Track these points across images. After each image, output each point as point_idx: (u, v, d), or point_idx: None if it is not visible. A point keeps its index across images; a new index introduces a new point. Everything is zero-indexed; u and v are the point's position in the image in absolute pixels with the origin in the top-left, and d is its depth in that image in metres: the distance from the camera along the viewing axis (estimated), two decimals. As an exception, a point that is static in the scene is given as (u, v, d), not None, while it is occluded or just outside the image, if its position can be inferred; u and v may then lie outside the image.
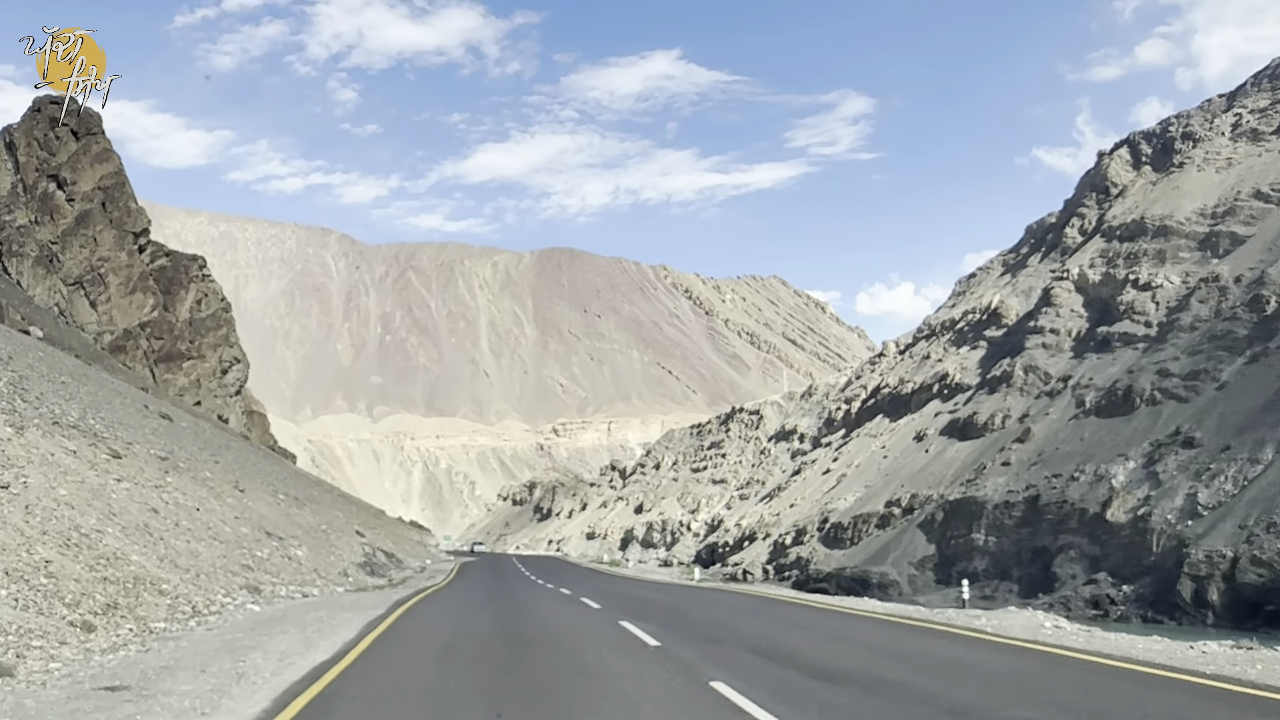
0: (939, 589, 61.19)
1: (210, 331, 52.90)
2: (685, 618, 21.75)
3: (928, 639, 17.27)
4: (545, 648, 15.67)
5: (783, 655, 14.62)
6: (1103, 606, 47.49)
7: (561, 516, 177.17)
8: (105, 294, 45.50)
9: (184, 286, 52.08)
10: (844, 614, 23.00)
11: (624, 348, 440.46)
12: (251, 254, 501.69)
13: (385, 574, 35.97)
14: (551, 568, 59.01)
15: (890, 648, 15.83)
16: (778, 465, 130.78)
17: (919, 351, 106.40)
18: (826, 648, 16.03)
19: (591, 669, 13.06)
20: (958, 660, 14.19)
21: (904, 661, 13.97)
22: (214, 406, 50.80)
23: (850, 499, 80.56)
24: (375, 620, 18.92)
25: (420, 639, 16.92)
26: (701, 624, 20.26)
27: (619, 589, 34.03)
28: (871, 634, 18.31)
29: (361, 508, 60.01)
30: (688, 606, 25.12)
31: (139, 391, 36.01)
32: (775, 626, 19.74)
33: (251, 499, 29.43)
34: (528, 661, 13.90)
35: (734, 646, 15.78)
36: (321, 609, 20.52)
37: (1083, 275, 78.54)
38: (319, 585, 25.04)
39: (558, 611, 23.29)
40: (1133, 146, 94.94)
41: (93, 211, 46.30)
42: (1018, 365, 75.72)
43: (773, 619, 21.64)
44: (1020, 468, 63.45)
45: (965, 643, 16.55)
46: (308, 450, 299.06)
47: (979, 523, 61.58)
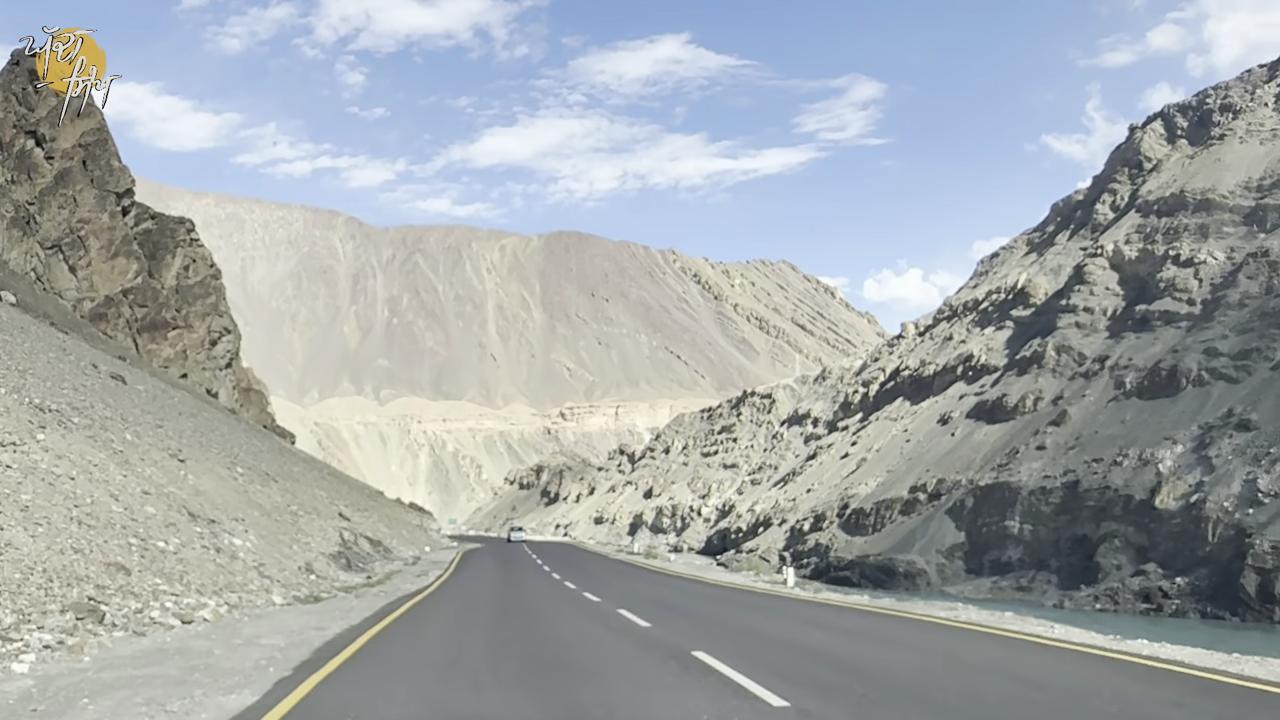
0: (970, 579, 58.03)
1: (198, 300, 49.56)
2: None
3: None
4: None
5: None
6: (1154, 600, 44.18)
7: (569, 501, 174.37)
8: (85, 258, 42.37)
9: (170, 251, 48.81)
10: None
11: (632, 332, 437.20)
12: (259, 236, 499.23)
13: (365, 568, 30.66)
14: (574, 560, 47.65)
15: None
16: (791, 450, 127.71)
17: (940, 333, 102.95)
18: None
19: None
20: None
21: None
22: (201, 380, 47.53)
23: (872, 484, 77.30)
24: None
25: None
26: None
27: (726, 614, 20.27)
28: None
29: (355, 488, 55.68)
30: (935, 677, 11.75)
31: (94, 351, 32.77)
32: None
33: (193, 471, 24.15)
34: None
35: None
36: (137, 672, 10.78)
37: (1118, 252, 74.99)
38: (253, 592, 18.68)
39: (656, 685, 10.87)
40: (1167, 120, 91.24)
41: (72, 170, 43.14)
42: (1049, 345, 72.29)
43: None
44: (1057, 452, 60.08)
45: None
46: (314, 433, 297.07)
47: (1013, 510, 58.27)
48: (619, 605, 20.88)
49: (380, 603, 20.67)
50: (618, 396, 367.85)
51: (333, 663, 11.93)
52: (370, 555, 33.53)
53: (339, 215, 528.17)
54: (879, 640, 15.74)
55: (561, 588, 27.76)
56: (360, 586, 24.64)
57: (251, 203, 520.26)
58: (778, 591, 27.82)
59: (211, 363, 49.46)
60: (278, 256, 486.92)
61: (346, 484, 54.84)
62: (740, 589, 28.52)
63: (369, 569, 30.50)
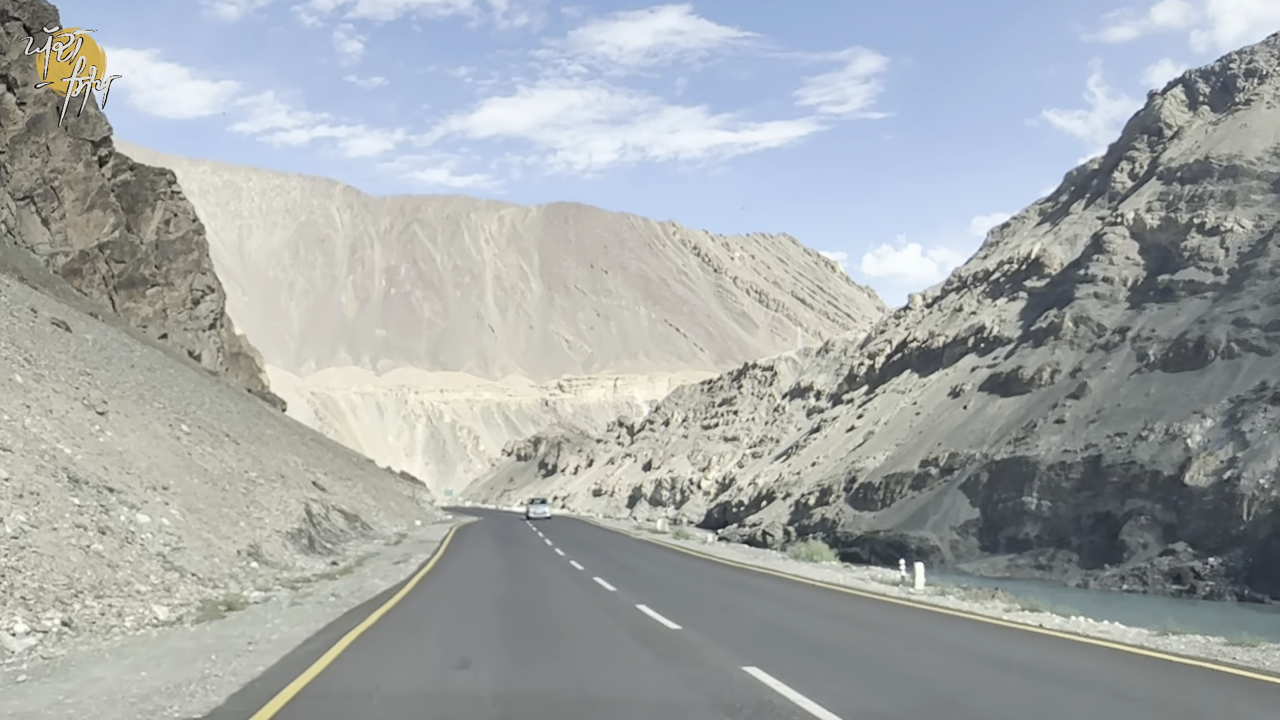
0: (984, 556, 55.89)
1: (180, 256, 46.83)
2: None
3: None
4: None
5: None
6: (1186, 581, 41.98)
7: (567, 472, 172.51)
8: (59, 210, 39.79)
9: (150, 204, 46.06)
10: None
11: (631, 304, 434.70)
12: (255, 204, 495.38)
13: (333, 549, 25.55)
14: (592, 542, 38.76)
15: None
16: (793, 423, 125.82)
17: (949, 304, 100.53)
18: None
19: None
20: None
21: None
22: (183, 340, 44.92)
23: (880, 458, 75.09)
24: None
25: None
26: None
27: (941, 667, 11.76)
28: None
29: (341, 455, 52.25)
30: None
31: (61, 306, 30.28)
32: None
33: (115, 426, 19.71)
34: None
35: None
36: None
37: (1139, 220, 72.43)
38: (134, 596, 13.19)
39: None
40: (1188, 85, 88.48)
41: (45, 117, 40.50)
42: (1067, 316, 69.87)
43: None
44: (1076, 425, 57.78)
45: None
46: (310, 402, 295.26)
47: (1030, 485, 56.02)
48: (732, 650, 11.87)
49: (322, 619, 13.96)
50: (616, 369, 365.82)
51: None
52: (343, 533, 29.01)
53: (336, 184, 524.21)
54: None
55: (596, 591, 19.35)
56: (316, 579, 19.06)
57: (248, 170, 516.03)
58: (916, 601, 18.64)
59: (194, 323, 46.90)
60: (274, 225, 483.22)
61: (331, 451, 50.96)
62: (866, 597, 19.14)
63: (338, 551, 25.71)
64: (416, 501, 58.02)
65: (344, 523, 29.91)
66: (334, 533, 27.81)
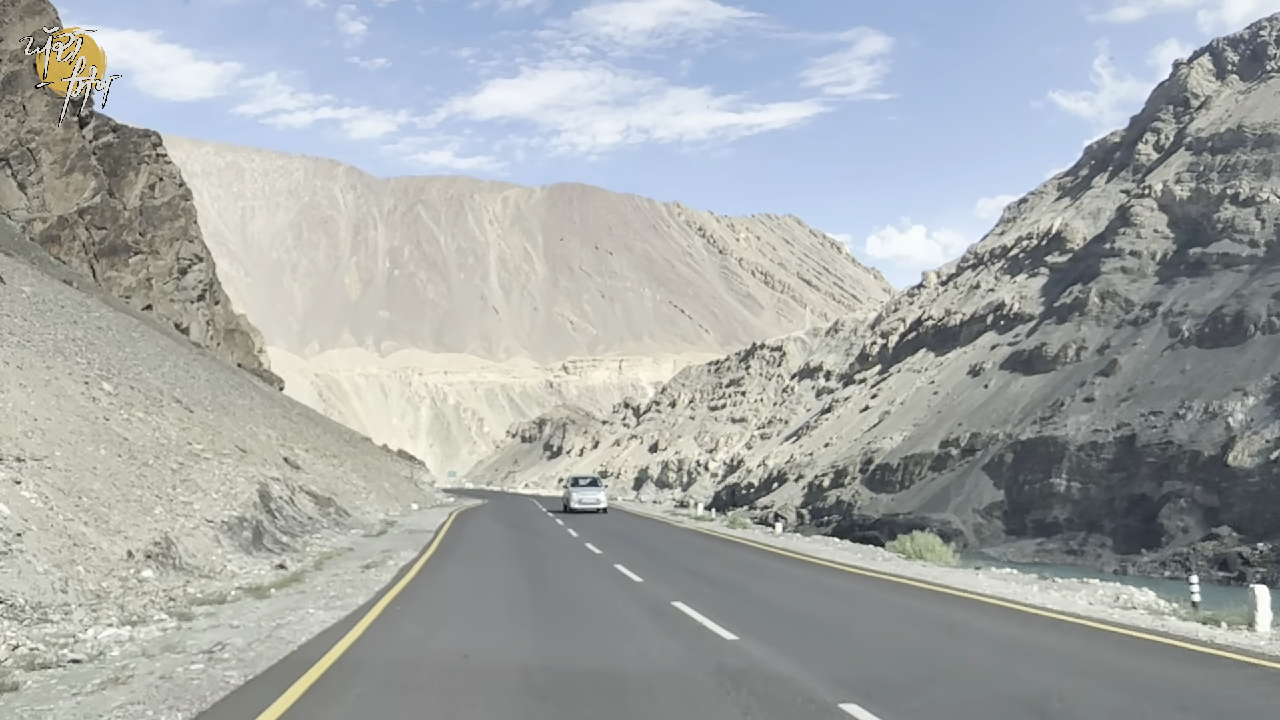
0: (1010, 540, 53.53)
1: (165, 223, 44.21)
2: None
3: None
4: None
5: None
6: (1233, 567, 39.59)
7: (572, 454, 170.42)
8: (36, 173, 37.36)
9: (133, 168, 43.47)
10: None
11: (636, 286, 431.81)
12: (259, 185, 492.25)
13: (289, 544, 19.95)
14: (630, 533, 30.52)
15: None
16: (802, 404, 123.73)
17: (965, 281, 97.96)
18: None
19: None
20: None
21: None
22: (169, 312, 42.35)
23: (897, 438, 72.70)
24: None
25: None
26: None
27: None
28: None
29: (332, 431, 48.36)
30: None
31: (33, 273, 27.85)
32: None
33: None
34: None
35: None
36: None
37: (1167, 192, 69.76)
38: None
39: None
40: (1215, 54, 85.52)
41: (21, 74, 38.03)
42: (1092, 292, 67.32)
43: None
44: (1107, 404, 55.32)
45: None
46: (314, 384, 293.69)
47: (1059, 466, 53.62)
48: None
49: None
50: (621, 350, 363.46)
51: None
52: (311, 521, 23.77)
53: (340, 165, 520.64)
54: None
55: (707, 641, 10.82)
56: (234, 598, 13.19)
57: (251, 151, 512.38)
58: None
59: (181, 294, 44.36)
60: (278, 206, 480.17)
61: (320, 427, 47.65)
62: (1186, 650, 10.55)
63: (295, 546, 20.21)
64: (415, 483, 52.96)
65: (314, 508, 25.08)
66: (297, 521, 22.88)
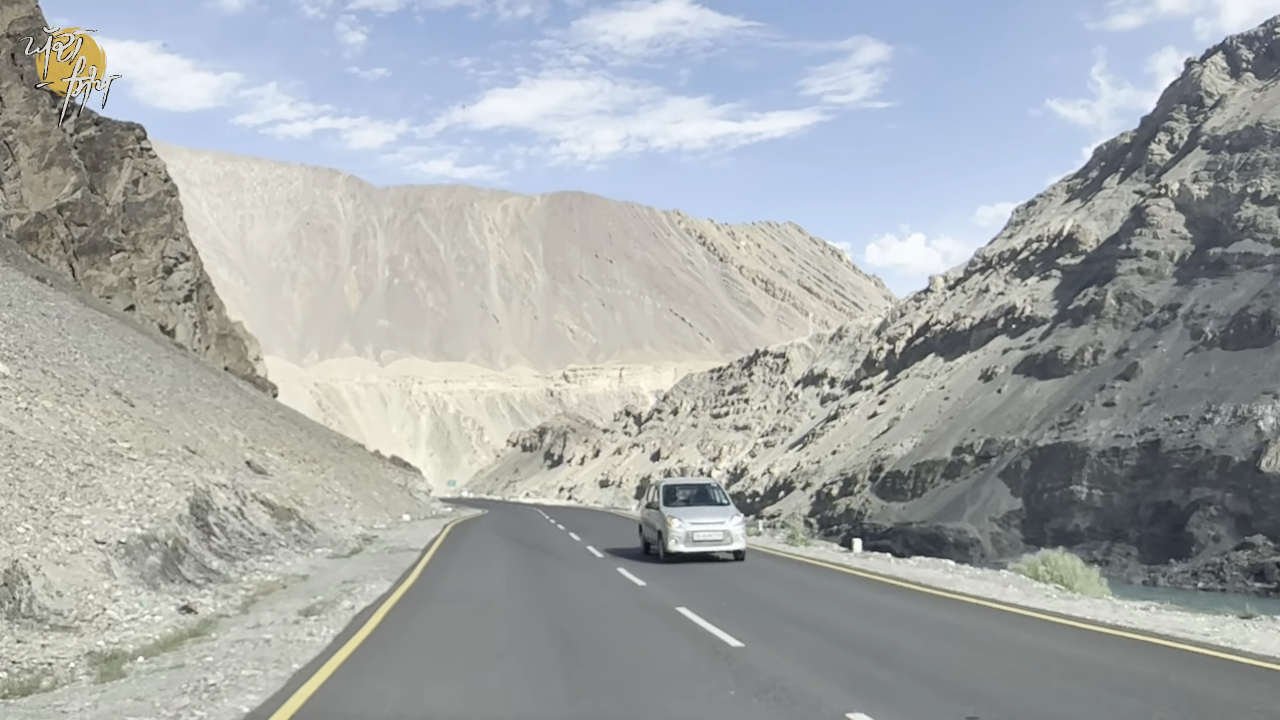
0: (1030, 550, 51.48)
1: (150, 220, 42.27)
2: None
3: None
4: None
5: None
6: (1271, 578, 37.72)
7: (573, 463, 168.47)
8: (14, 168, 35.58)
9: (116, 162, 41.60)
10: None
11: (636, 294, 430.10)
12: (258, 194, 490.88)
13: (221, 573, 15.39)
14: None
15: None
16: (806, 411, 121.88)
17: (973, 285, 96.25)
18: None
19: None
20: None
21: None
22: (154, 313, 40.44)
23: (908, 445, 70.85)
24: None
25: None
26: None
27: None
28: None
29: (319, 435, 44.82)
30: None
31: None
32: None
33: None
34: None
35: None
36: None
37: (1184, 191, 68.03)
38: None
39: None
40: (1229, 52, 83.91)
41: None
42: (1108, 293, 65.54)
43: None
44: (1128, 408, 53.49)
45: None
46: (314, 393, 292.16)
47: (1079, 473, 51.77)
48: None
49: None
50: (621, 359, 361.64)
51: None
52: (262, 539, 19.05)
53: (339, 174, 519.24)
54: None
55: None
56: (63, 677, 8.79)
57: (250, 161, 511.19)
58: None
59: (166, 294, 42.43)
60: (277, 215, 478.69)
61: (306, 430, 44.69)
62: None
63: (230, 574, 15.66)
64: (409, 491, 49.18)
65: (270, 521, 20.27)
66: (245, 539, 18.20)
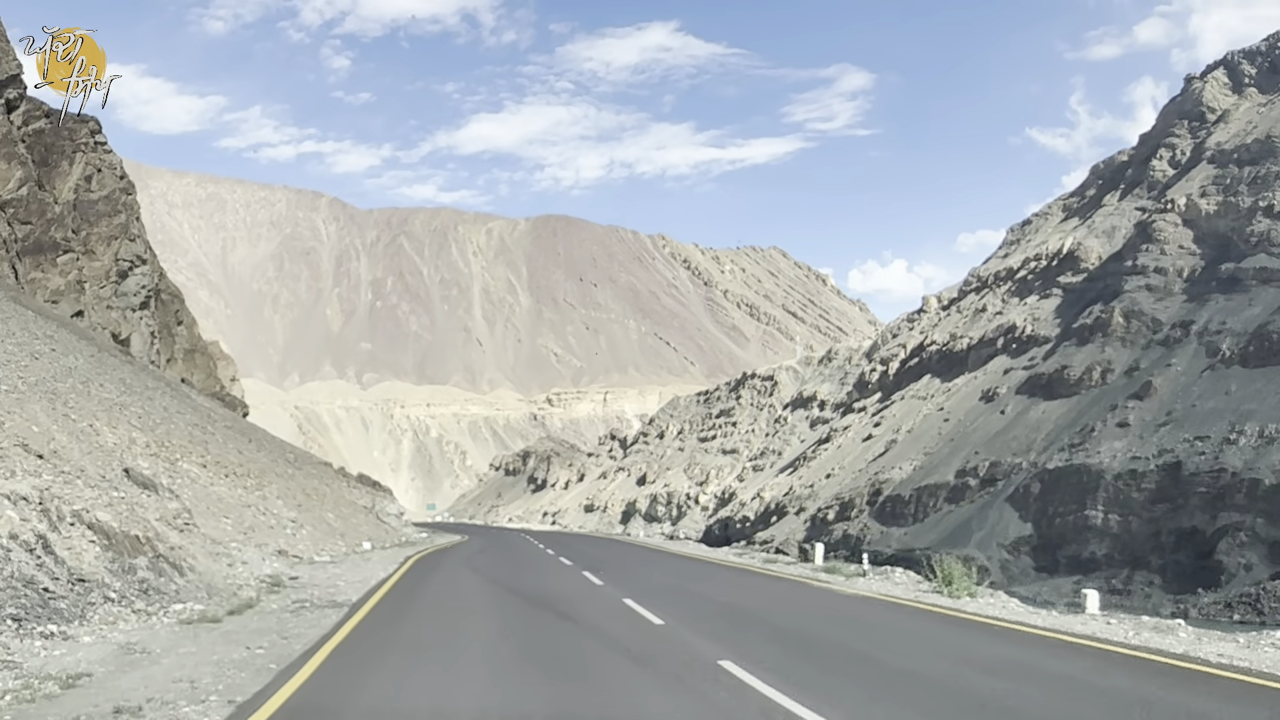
0: (1041, 578, 48.87)
1: (103, 219, 39.02)
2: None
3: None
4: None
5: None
6: (1314, 610, 35.08)
7: (557, 487, 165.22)
8: (-46, 162, 32.61)
9: (67, 157, 38.45)
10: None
11: (620, 318, 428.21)
12: (240, 216, 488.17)
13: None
14: (758, 607, 17.58)
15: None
16: (796, 434, 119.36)
17: (969, 305, 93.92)
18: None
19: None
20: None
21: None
22: (106, 320, 37.16)
23: (907, 468, 68.11)
24: None
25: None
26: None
27: None
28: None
29: (269, 448, 38.66)
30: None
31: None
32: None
33: None
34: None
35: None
36: None
37: (1192, 205, 65.87)
38: None
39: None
40: (1230, 68, 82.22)
41: (-60, 51, 33.37)
42: (1115, 311, 63.17)
43: None
44: (1144, 429, 50.91)
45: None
46: (294, 416, 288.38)
47: (1093, 497, 49.09)
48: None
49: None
50: (606, 383, 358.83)
51: None
52: (77, 589, 12.31)
53: (323, 196, 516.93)
54: None
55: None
56: None
57: (233, 183, 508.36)
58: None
59: (120, 300, 39.22)
60: (259, 237, 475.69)
61: (256, 444, 39.43)
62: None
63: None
64: (376, 514, 43.61)
65: (97, 559, 13.29)
66: (29, 589, 11.54)
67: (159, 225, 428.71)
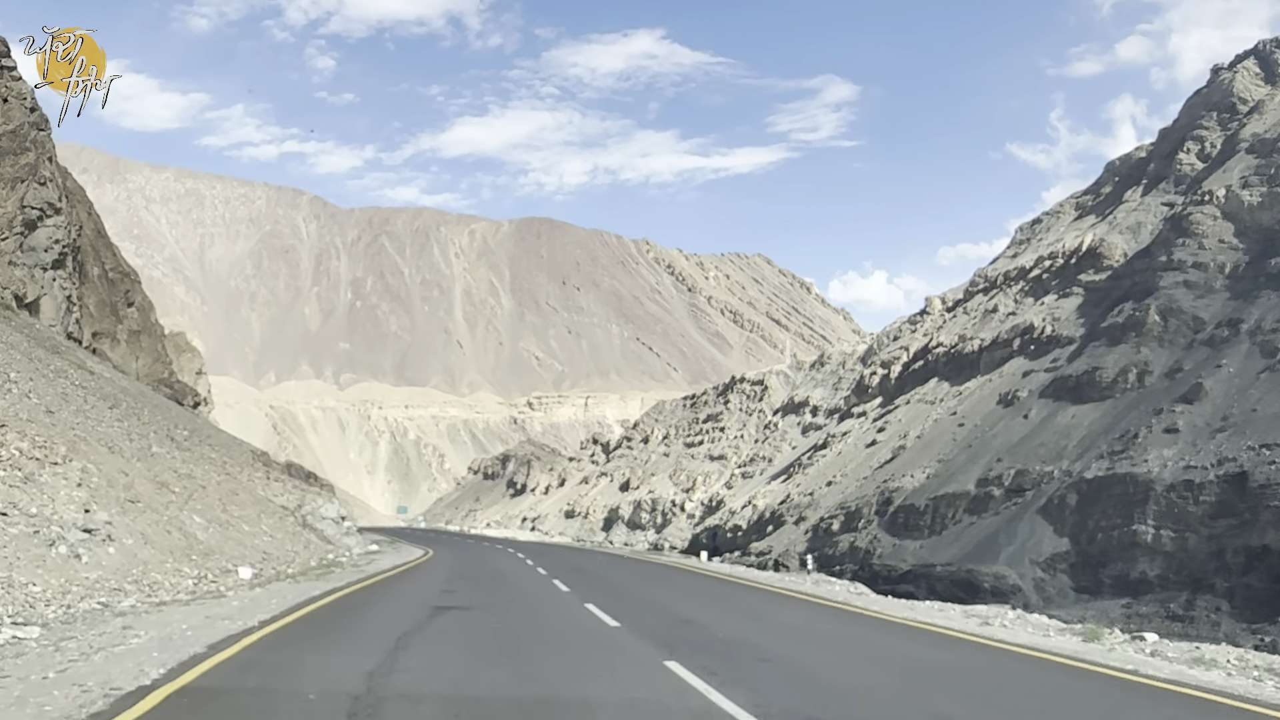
0: (1083, 600, 43.55)
1: (6, 157, 32.90)
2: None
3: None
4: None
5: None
6: None
7: (537, 492, 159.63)
8: None
9: (-36, 83, 32.65)
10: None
11: (603, 322, 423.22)
12: (219, 213, 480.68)
13: None
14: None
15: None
16: (786, 440, 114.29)
17: (977, 306, 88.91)
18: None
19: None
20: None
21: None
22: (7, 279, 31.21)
23: (920, 476, 62.83)
24: None
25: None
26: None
27: None
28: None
29: (137, 420, 29.29)
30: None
31: None
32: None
33: None
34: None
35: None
36: None
37: (1233, 198, 60.95)
38: None
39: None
40: (1262, 57, 77.64)
41: None
42: (1150, 309, 58.12)
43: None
44: (1197, 435, 45.75)
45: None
46: (269, 416, 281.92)
47: (1142, 510, 43.86)
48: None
49: None
50: (587, 387, 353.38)
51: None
52: None
53: (303, 194, 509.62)
54: None
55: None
56: None
57: (213, 179, 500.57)
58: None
59: (26, 256, 33.03)
60: (238, 234, 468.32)
61: (138, 417, 30.82)
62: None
63: None
64: (302, 518, 32.79)
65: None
66: None
67: (136, 219, 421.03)
